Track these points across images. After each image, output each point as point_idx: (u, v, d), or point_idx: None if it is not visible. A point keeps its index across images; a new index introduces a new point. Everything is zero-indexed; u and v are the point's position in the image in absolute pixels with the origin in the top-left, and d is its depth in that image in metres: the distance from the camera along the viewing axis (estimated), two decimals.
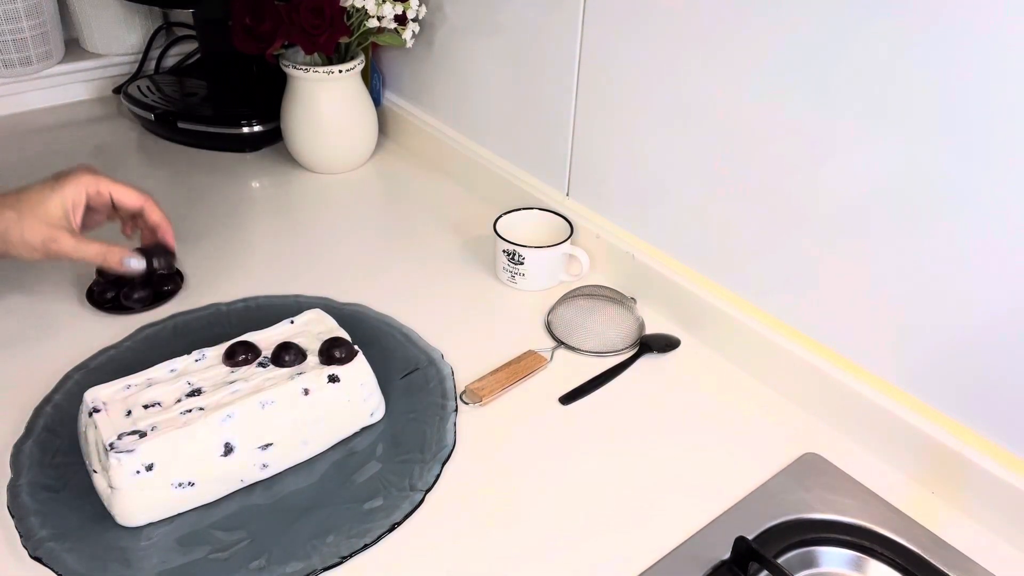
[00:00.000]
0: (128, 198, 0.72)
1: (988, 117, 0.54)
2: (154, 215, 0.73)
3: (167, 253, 0.71)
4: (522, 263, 0.85)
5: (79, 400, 0.62)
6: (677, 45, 0.73)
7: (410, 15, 0.99)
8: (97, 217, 0.75)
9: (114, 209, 0.74)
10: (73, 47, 1.28)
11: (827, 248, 0.68)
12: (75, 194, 0.69)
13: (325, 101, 1.03)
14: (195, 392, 0.61)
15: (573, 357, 0.78)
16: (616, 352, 0.78)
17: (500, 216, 0.89)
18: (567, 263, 0.89)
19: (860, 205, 0.64)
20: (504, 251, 0.85)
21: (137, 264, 0.71)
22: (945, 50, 0.55)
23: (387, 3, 0.96)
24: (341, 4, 0.96)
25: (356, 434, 0.67)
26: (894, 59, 0.58)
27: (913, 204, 0.60)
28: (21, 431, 0.65)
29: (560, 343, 0.79)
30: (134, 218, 0.75)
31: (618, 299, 0.84)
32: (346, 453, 0.66)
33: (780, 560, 0.59)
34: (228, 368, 0.64)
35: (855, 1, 0.59)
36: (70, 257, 0.69)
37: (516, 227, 0.89)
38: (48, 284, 0.83)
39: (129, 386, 0.62)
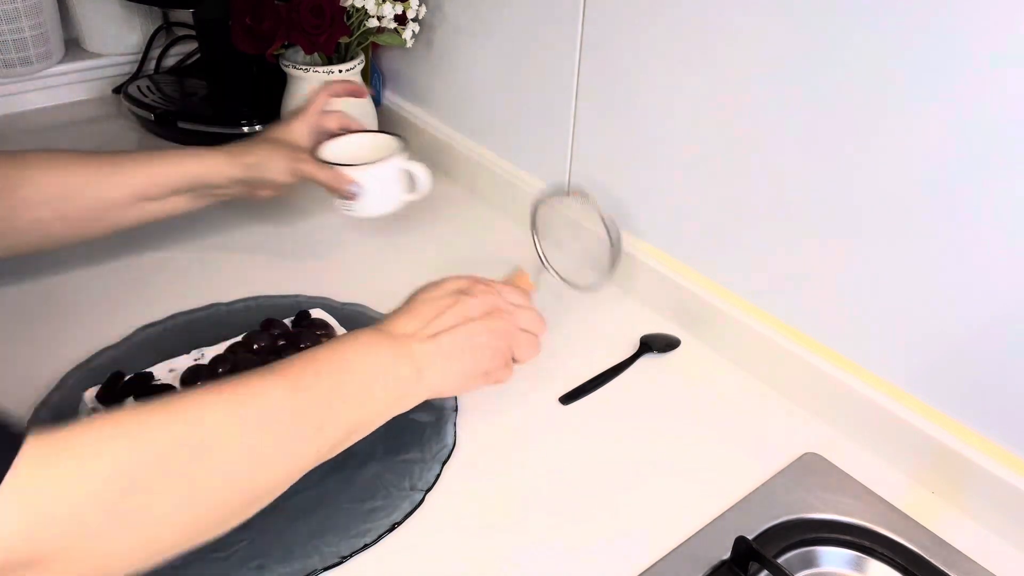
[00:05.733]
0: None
1: (989, 118, 0.54)
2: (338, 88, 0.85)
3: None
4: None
5: (79, 400, 0.62)
6: (677, 45, 0.73)
7: (410, 15, 0.99)
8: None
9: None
10: (73, 47, 1.28)
11: (827, 248, 0.67)
12: (314, 116, 0.81)
13: None
14: None
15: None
16: (589, 289, 0.77)
17: (321, 144, 0.84)
18: (406, 180, 0.85)
19: (860, 205, 0.64)
20: None
21: (358, 189, 0.79)
22: (948, 49, 0.55)
23: (387, 3, 0.96)
24: (341, 4, 0.96)
25: None
26: (897, 58, 0.58)
27: (913, 204, 0.60)
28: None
29: (543, 261, 0.76)
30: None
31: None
32: (346, 453, 0.65)
33: (780, 560, 0.58)
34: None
35: (857, 2, 0.59)
36: (312, 176, 0.78)
37: (342, 154, 0.83)
38: (48, 283, 0.83)
39: None
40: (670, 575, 0.57)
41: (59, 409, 0.67)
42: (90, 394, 0.61)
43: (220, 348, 0.65)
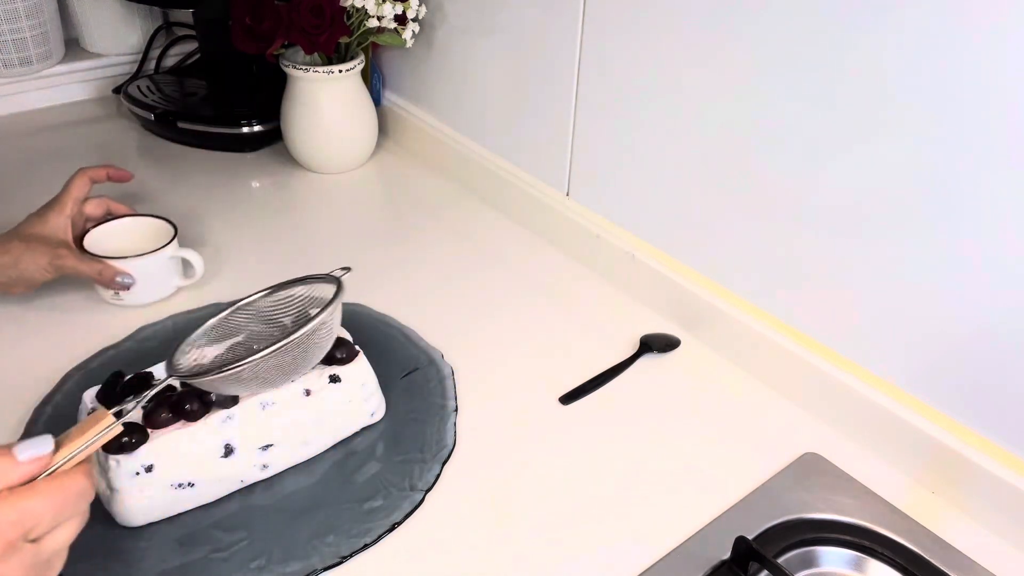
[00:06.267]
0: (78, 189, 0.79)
1: (989, 117, 0.54)
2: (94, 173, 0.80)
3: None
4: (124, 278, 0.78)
5: (79, 400, 0.62)
6: (677, 45, 0.73)
7: (410, 15, 0.99)
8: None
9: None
10: (73, 47, 1.28)
11: (827, 248, 0.68)
12: (73, 206, 0.78)
13: (325, 101, 1.03)
14: None
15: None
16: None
17: (88, 230, 0.80)
18: (179, 267, 0.82)
19: (860, 205, 0.64)
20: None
21: (128, 280, 0.77)
22: (949, 48, 0.55)
23: (387, 3, 0.96)
24: (341, 4, 0.96)
25: (356, 434, 0.67)
26: (896, 58, 0.58)
27: (913, 204, 0.60)
28: (21, 431, 0.65)
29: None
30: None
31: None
32: (346, 453, 0.66)
33: (780, 560, 0.59)
34: None
35: (854, 2, 0.59)
36: (75, 271, 0.76)
37: (110, 242, 0.80)
38: (48, 283, 0.83)
39: None
40: (670, 575, 0.57)
41: (60, 409, 0.67)
42: (90, 394, 0.61)
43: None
